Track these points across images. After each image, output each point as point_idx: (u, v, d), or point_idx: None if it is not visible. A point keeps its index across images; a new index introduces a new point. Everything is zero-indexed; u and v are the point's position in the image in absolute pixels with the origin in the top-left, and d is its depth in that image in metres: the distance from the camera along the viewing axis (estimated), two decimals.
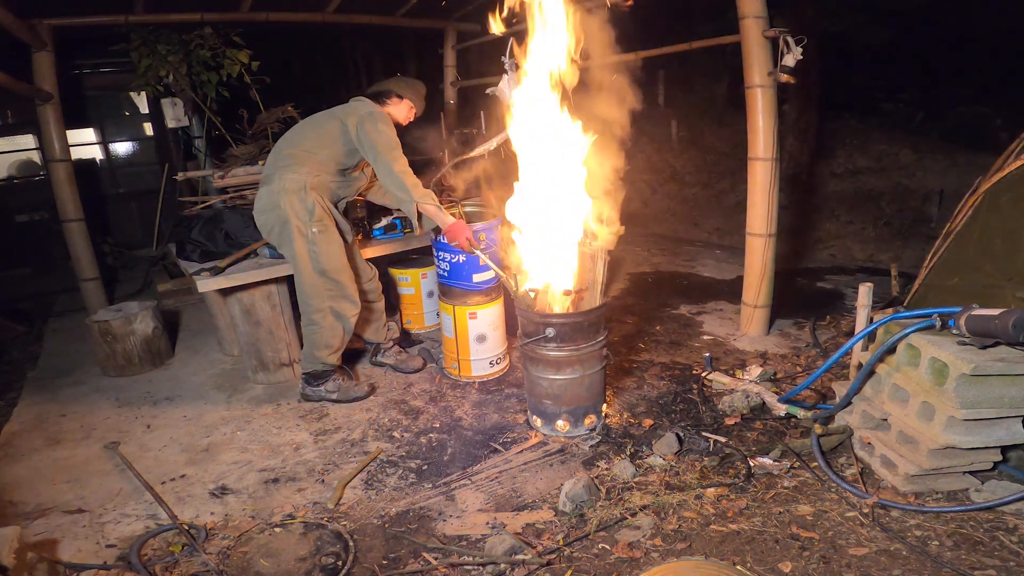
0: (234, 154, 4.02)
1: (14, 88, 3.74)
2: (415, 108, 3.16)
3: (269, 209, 2.90)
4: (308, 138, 2.94)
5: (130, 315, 3.61)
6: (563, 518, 2.18)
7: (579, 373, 2.60)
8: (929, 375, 2.13)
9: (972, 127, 6.64)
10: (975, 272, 2.46)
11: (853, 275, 4.85)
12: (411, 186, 2.81)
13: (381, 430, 2.86)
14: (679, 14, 7.41)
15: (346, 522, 2.23)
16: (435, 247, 3.21)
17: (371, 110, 2.92)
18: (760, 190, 3.40)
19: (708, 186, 7.61)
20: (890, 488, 2.24)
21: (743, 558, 1.93)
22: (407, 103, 3.11)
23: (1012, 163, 2.46)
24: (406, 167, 2.85)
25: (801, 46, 3.05)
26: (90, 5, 4.19)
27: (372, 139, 2.82)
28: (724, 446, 2.56)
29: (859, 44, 7.47)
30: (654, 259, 5.59)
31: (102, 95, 6.48)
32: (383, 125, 2.87)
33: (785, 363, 3.30)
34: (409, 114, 3.15)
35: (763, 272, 3.53)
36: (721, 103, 8.24)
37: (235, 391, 3.36)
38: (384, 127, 2.87)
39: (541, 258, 2.77)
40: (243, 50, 5.19)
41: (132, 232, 6.59)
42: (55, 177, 4.37)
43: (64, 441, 2.93)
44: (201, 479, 2.56)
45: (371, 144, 2.83)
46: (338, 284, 2.99)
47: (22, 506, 2.42)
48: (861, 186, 6.50)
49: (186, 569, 2.03)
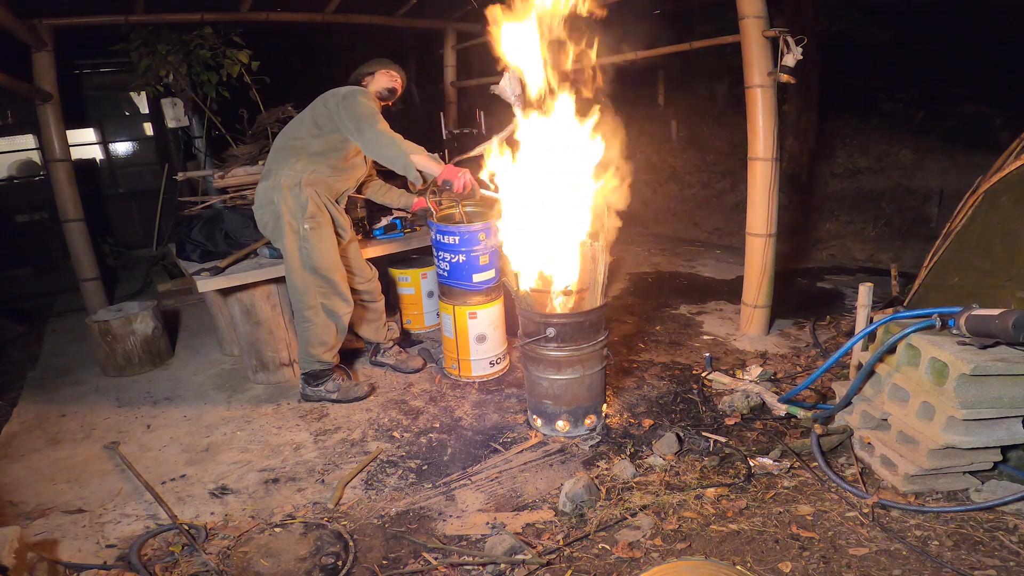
0: (234, 154, 4.02)
1: (14, 88, 3.74)
2: (392, 73, 3.12)
3: (264, 205, 2.92)
4: (299, 131, 2.95)
5: (130, 315, 3.61)
6: (563, 518, 2.18)
7: (579, 373, 2.60)
8: (929, 375, 2.13)
9: (972, 127, 6.63)
10: (975, 272, 2.46)
11: (853, 275, 4.85)
12: (399, 141, 2.79)
13: (381, 430, 2.86)
14: (679, 14, 7.41)
15: (346, 522, 2.22)
16: (435, 247, 3.21)
17: (346, 90, 2.91)
18: (760, 190, 3.40)
19: (708, 186, 7.60)
20: (890, 488, 2.24)
21: (743, 558, 1.93)
22: (381, 73, 3.09)
23: (1012, 163, 2.46)
24: (387, 127, 2.82)
25: (801, 46, 3.05)
26: (90, 5, 4.19)
27: (352, 110, 2.81)
28: (724, 446, 2.56)
29: (859, 44, 7.46)
30: (654, 259, 5.59)
31: (102, 95, 6.49)
32: (362, 98, 2.86)
33: (785, 363, 3.30)
34: (391, 83, 3.11)
35: (763, 272, 3.53)
36: (721, 103, 8.24)
37: (235, 391, 3.36)
38: (363, 99, 2.86)
39: (542, 257, 2.77)
40: (243, 50, 5.19)
41: (132, 232, 6.59)
42: (55, 177, 4.37)
43: (64, 441, 2.93)
44: (201, 479, 2.56)
45: (351, 114, 2.81)
46: (329, 282, 2.99)
47: (22, 506, 2.42)
48: (861, 186, 6.50)
49: (186, 569, 2.03)
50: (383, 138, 2.77)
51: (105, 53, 5.20)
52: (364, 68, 3.13)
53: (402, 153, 2.75)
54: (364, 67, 3.14)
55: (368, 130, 2.78)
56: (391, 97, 3.13)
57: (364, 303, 3.30)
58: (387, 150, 2.78)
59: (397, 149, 2.76)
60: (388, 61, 3.16)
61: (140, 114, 6.84)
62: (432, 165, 2.80)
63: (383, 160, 2.84)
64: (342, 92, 2.89)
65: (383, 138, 2.77)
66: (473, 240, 3.08)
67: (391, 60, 3.18)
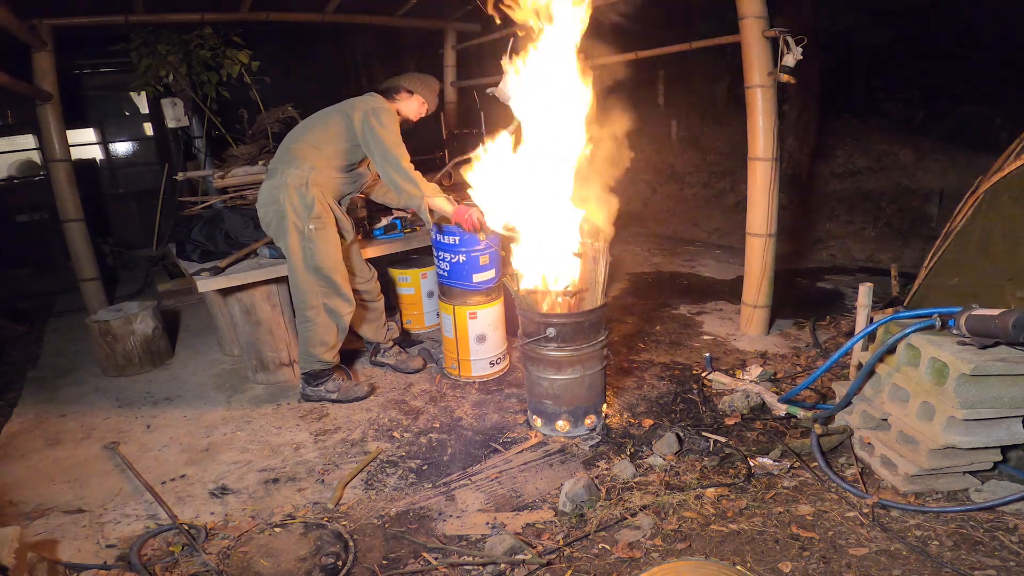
0: (234, 154, 4.02)
1: (14, 88, 3.74)
2: (427, 104, 3.13)
3: (269, 203, 2.91)
4: (313, 132, 2.94)
5: (130, 315, 3.61)
6: (563, 518, 2.18)
7: (579, 373, 2.60)
8: (929, 375, 2.13)
9: (972, 127, 6.63)
10: (975, 272, 2.46)
11: (853, 275, 4.85)
12: (420, 182, 2.83)
13: (381, 430, 2.86)
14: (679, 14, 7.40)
15: (346, 522, 2.22)
16: (435, 247, 3.21)
17: (376, 105, 2.90)
18: (760, 190, 3.40)
19: (708, 186, 7.60)
20: (890, 488, 2.24)
21: (743, 558, 1.93)
22: (418, 98, 3.09)
23: (1012, 163, 2.45)
24: (410, 164, 2.85)
25: (801, 46, 3.05)
26: (90, 5, 4.19)
27: (377, 134, 2.81)
28: (724, 446, 2.56)
29: (859, 44, 7.46)
30: (654, 259, 5.59)
31: (102, 95, 6.50)
32: (387, 119, 2.85)
33: (785, 363, 3.30)
34: (420, 109, 3.13)
35: (763, 272, 3.53)
36: (721, 103, 8.23)
37: (235, 391, 3.36)
38: (388, 122, 2.85)
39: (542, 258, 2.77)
40: (243, 50, 5.19)
41: (132, 232, 6.60)
42: (55, 177, 4.37)
43: (64, 441, 2.93)
44: (201, 479, 2.56)
45: (377, 139, 2.82)
46: (331, 282, 2.99)
47: (22, 506, 2.42)
48: (861, 186, 6.49)
49: (186, 569, 2.03)
50: (406, 175, 2.82)
51: (105, 53, 5.21)
52: (403, 82, 3.06)
53: (420, 196, 2.83)
54: (404, 81, 3.07)
55: (392, 162, 2.82)
56: (411, 123, 3.14)
57: (364, 303, 3.30)
58: (408, 186, 2.83)
59: (416, 190, 2.82)
60: (432, 83, 3.11)
61: (140, 114, 6.84)
62: (447, 208, 2.89)
63: (398, 194, 2.89)
64: (370, 107, 2.87)
65: (406, 175, 2.82)
66: (473, 240, 3.08)
67: (435, 81, 3.13)
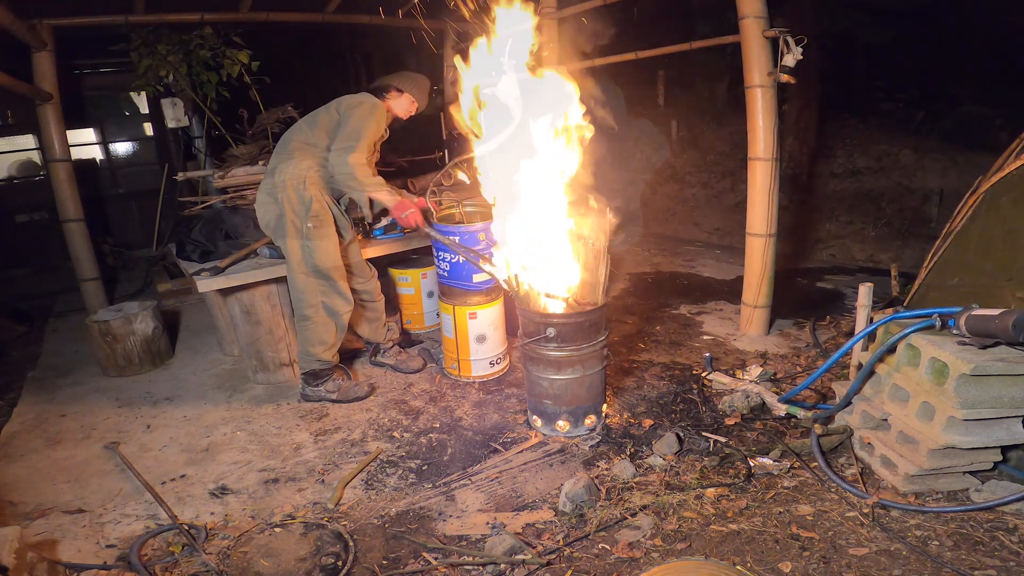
0: (234, 154, 4.01)
1: (14, 88, 3.74)
2: (416, 102, 3.16)
3: (268, 202, 2.92)
4: (308, 131, 2.96)
5: (130, 315, 3.61)
6: (563, 518, 2.18)
7: (579, 373, 2.60)
8: (929, 375, 2.13)
9: (972, 127, 6.63)
10: (975, 272, 2.46)
11: (853, 275, 4.85)
12: (363, 175, 2.85)
13: (381, 430, 2.86)
14: (679, 14, 7.40)
15: (346, 522, 2.22)
16: (435, 247, 3.21)
17: (364, 100, 2.94)
18: (760, 190, 3.40)
19: (708, 186, 7.60)
20: (890, 488, 2.24)
21: (743, 558, 1.93)
22: (407, 96, 3.11)
23: (1012, 163, 2.45)
24: (362, 159, 2.86)
25: (801, 46, 3.05)
26: (90, 5, 4.19)
27: (348, 119, 2.86)
28: (724, 446, 2.56)
29: (859, 44, 7.46)
30: (654, 259, 5.59)
31: (102, 95, 6.49)
32: (366, 113, 2.88)
33: (785, 363, 3.30)
34: (411, 107, 3.15)
35: (763, 272, 3.53)
36: (721, 103, 8.22)
37: (235, 391, 3.35)
38: (367, 116, 2.88)
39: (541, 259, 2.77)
40: (243, 50, 5.19)
41: (132, 232, 6.59)
42: (55, 177, 4.37)
43: (64, 441, 2.93)
44: (201, 479, 2.56)
45: (345, 121, 2.86)
46: (330, 281, 2.99)
47: (22, 506, 2.42)
48: (861, 186, 6.49)
49: (186, 569, 2.03)
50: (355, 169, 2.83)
51: (105, 53, 5.20)
52: (394, 81, 3.11)
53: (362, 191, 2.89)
54: (394, 79, 3.11)
55: (346, 148, 2.83)
56: (400, 121, 3.17)
57: (364, 303, 3.30)
58: (349, 180, 2.86)
59: (359, 184, 2.86)
60: (422, 82, 3.14)
61: (140, 114, 6.84)
62: (387, 201, 2.95)
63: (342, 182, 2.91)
64: (356, 100, 2.92)
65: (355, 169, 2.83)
66: (473, 240, 3.08)
67: (425, 80, 3.16)
